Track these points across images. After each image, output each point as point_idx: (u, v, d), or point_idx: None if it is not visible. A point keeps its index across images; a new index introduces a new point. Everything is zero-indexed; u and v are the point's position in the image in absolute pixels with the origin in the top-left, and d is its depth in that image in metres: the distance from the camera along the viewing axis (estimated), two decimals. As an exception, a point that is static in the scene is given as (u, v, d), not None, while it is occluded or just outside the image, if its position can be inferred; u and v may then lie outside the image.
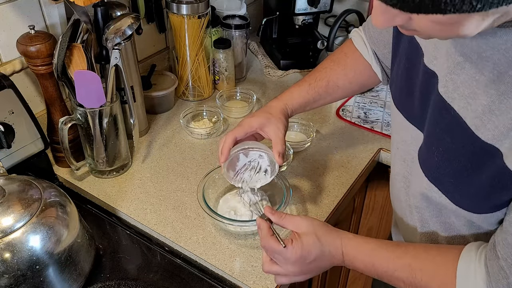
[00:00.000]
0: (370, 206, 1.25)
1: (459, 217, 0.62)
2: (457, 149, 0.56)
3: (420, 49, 0.62)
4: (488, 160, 0.52)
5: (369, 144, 1.11)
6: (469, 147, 0.54)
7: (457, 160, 0.56)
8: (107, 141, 0.95)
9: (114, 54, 0.89)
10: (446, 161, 0.58)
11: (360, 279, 1.43)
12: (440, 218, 0.66)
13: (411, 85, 0.65)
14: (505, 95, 0.49)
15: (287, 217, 0.70)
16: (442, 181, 0.60)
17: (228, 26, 1.30)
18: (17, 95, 0.88)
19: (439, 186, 0.61)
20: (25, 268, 0.66)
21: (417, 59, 0.63)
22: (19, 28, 0.94)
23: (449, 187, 0.59)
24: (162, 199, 0.95)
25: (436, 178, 0.61)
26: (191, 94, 1.28)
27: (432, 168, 0.61)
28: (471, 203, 0.58)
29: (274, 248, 0.66)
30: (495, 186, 0.53)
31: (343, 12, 1.25)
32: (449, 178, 0.59)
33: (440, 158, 0.59)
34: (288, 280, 0.70)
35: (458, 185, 0.58)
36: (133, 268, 0.82)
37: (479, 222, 0.60)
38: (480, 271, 0.54)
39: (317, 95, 0.87)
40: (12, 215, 0.67)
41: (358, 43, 0.86)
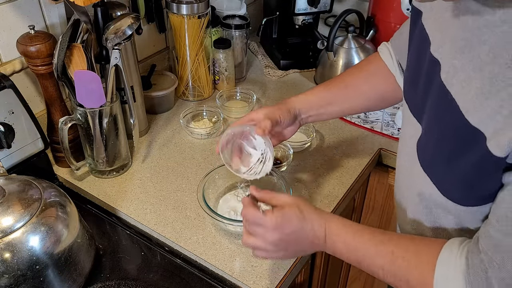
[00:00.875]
0: (370, 206, 1.25)
1: (448, 213, 0.62)
2: (449, 135, 0.56)
3: (428, 39, 0.62)
4: (474, 145, 0.52)
5: (369, 144, 1.11)
6: (458, 131, 0.54)
7: (447, 146, 0.57)
8: (107, 141, 0.95)
9: (114, 54, 0.89)
10: (439, 148, 0.59)
11: (360, 279, 1.43)
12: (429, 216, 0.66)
13: (417, 75, 0.66)
14: (497, 77, 0.49)
15: (271, 193, 0.68)
16: (434, 170, 0.61)
17: (228, 26, 1.30)
18: (17, 95, 0.88)
19: (431, 176, 0.61)
20: (25, 268, 0.66)
21: (424, 50, 0.63)
22: (19, 28, 0.94)
23: (439, 176, 0.60)
24: (162, 199, 0.95)
25: (429, 166, 0.62)
26: (191, 94, 1.28)
27: (427, 157, 0.62)
28: (458, 193, 0.58)
29: (253, 214, 0.65)
30: (478, 173, 0.53)
31: (343, 12, 1.25)
32: (440, 166, 0.59)
33: (434, 145, 0.59)
34: (266, 254, 0.67)
35: (447, 173, 0.58)
36: (133, 268, 0.82)
37: (467, 219, 0.60)
38: (460, 263, 0.54)
39: (333, 96, 0.83)
40: (12, 215, 0.67)
41: (384, 54, 0.84)
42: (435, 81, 0.59)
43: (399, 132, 1.14)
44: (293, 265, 0.81)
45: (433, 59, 0.60)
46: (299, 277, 0.95)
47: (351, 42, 1.29)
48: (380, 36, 1.40)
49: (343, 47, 1.29)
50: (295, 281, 0.93)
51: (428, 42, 0.62)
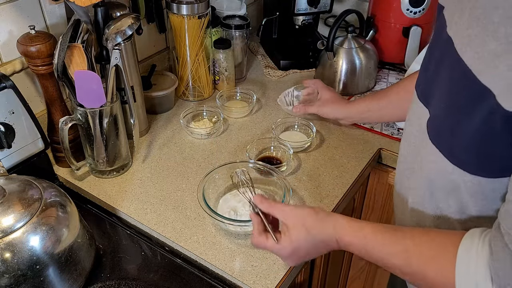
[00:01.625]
0: (370, 206, 1.25)
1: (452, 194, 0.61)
2: (459, 99, 0.56)
3: (444, 20, 0.62)
4: (483, 101, 0.52)
5: (369, 144, 1.11)
6: (468, 92, 0.54)
7: (458, 110, 0.56)
8: (107, 141, 0.95)
9: (114, 54, 0.90)
10: (449, 117, 0.58)
11: (360, 279, 1.43)
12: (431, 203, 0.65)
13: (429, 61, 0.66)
14: (510, 36, 0.49)
15: (276, 206, 0.69)
16: (444, 140, 0.60)
17: (228, 26, 1.30)
18: (18, 95, 0.88)
19: (441, 147, 0.60)
20: (25, 268, 0.66)
21: (439, 31, 0.63)
22: (20, 28, 0.94)
23: (449, 144, 0.59)
24: (162, 199, 0.95)
25: (438, 138, 0.61)
26: (191, 94, 1.28)
27: (437, 130, 0.61)
28: (468, 157, 0.57)
29: (265, 246, 0.67)
30: (486, 132, 0.53)
31: (343, 12, 1.25)
32: (450, 134, 0.58)
33: (445, 116, 0.59)
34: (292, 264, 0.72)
35: (455, 139, 0.57)
36: (133, 268, 0.82)
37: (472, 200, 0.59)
38: (482, 253, 0.52)
39: (385, 97, 0.98)
40: (12, 215, 0.67)
41: None
42: (447, 57, 0.59)
43: (399, 132, 1.14)
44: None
45: (447, 37, 0.60)
46: (299, 277, 0.95)
47: (351, 42, 1.29)
48: (380, 36, 1.40)
49: (343, 47, 1.29)
50: (295, 281, 0.93)
51: (443, 23, 0.62)
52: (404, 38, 1.37)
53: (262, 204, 0.70)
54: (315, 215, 0.67)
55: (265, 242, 0.68)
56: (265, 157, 1.04)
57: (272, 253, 0.69)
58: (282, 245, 0.66)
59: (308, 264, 1.00)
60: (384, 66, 1.43)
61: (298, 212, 0.67)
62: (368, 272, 1.39)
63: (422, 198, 0.68)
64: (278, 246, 0.67)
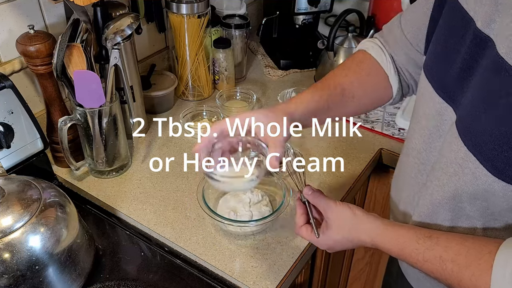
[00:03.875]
0: (370, 206, 1.25)
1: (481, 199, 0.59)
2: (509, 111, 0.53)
3: (468, 15, 0.59)
4: None
5: (369, 144, 1.11)
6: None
7: (508, 123, 0.53)
8: (106, 141, 0.95)
9: (114, 54, 0.89)
10: (495, 126, 0.55)
11: (360, 279, 1.42)
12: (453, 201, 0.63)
13: (449, 53, 0.63)
14: None
15: (320, 199, 0.71)
16: (483, 148, 0.56)
17: (228, 26, 1.30)
18: (17, 95, 0.88)
19: (479, 155, 0.57)
20: (24, 268, 0.66)
21: (462, 26, 0.60)
22: (19, 28, 0.93)
23: (492, 154, 0.56)
24: (162, 199, 0.95)
25: (477, 145, 0.57)
26: (190, 94, 1.28)
27: (477, 136, 0.57)
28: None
29: (306, 237, 0.72)
30: None
31: (343, 12, 1.25)
32: (494, 144, 0.55)
33: (490, 123, 0.55)
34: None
35: (506, 151, 0.54)
36: (132, 268, 0.82)
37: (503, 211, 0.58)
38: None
39: (332, 103, 0.76)
40: (11, 215, 0.67)
41: (374, 51, 0.80)
42: (484, 58, 0.56)
43: (399, 132, 1.14)
44: (293, 265, 0.81)
45: (482, 35, 0.56)
46: (299, 278, 0.95)
47: (351, 41, 1.29)
48: (380, 36, 1.40)
49: (343, 46, 1.28)
50: (295, 282, 0.92)
51: (466, 18, 0.59)
52: (405, 38, 1.36)
53: (310, 195, 0.72)
54: (353, 218, 0.69)
55: (307, 234, 0.72)
56: (265, 157, 1.03)
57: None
58: (321, 241, 0.71)
59: (309, 264, 1.00)
60: (384, 65, 1.43)
61: (339, 210, 0.70)
62: (368, 273, 1.39)
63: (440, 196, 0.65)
64: (317, 240, 0.71)
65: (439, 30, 0.67)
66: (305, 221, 0.73)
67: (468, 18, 0.59)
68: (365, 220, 0.68)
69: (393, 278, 0.89)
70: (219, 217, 0.82)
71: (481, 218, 0.62)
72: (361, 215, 0.68)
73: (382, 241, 0.66)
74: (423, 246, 0.61)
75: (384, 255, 1.27)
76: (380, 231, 0.66)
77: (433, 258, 0.59)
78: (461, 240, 0.59)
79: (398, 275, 0.84)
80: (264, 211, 0.86)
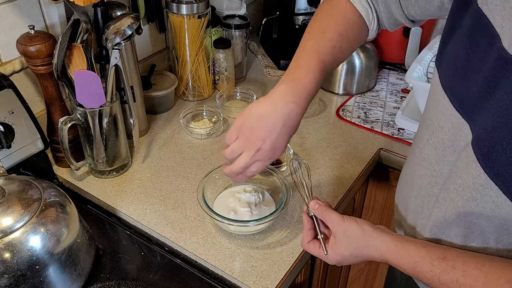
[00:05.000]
0: (370, 206, 1.25)
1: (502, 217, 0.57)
2: None
3: (494, 30, 0.54)
4: None
5: (369, 144, 1.11)
6: None
7: None
8: (107, 141, 0.95)
9: (114, 54, 0.89)
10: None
11: (360, 279, 1.43)
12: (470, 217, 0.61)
13: (471, 68, 0.59)
14: None
15: (327, 214, 0.70)
16: (508, 179, 0.53)
17: (228, 26, 1.30)
18: (17, 95, 0.88)
19: (502, 185, 0.54)
20: (25, 268, 0.66)
21: (487, 42, 0.55)
22: (19, 28, 0.93)
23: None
24: (162, 199, 0.95)
25: (500, 175, 0.54)
26: (191, 94, 1.28)
27: (499, 164, 0.54)
28: None
29: (314, 253, 0.71)
30: None
31: (343, 12, 1.25)
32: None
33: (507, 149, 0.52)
34: None
35: None
36: (133, 268, 0.82)
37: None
38: None
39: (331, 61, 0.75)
40: (12, 215, 0.67)
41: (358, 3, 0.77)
42: (509, 80, 0.52)
43: (399, 132, 1.14)
44: (293, 265, 0.81)
45: (507, 57, 0.51)
46: (299, 277, 0.95)
47: (351, 42, 1.29)
48: (380, 36, 1.40)
49: (343, 47, 1.28)
50: (295, 281, 0.93)
51: (492, 33, 0.54)
52: (404, 38, 1.36)
53: (316, 210, 0.71)
54: (362, 234, 0.67)
55: (315, 250, 0.71)
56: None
57: None
58: (330, 257, 0.69)
59: (308, 264, 1.00)
60: (384, 66, 1.43)
61: (346, 226, 0.67)
62: (368, 273, 1.39)
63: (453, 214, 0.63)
64: (325, 256, 0.70)
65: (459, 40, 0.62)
66: (313, 236, 0.72)
67: (494, 34, 0.54)
68: (375, 236, 0.66)
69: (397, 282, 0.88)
70: (219, 217, 0.82)
71: (495, 233, 0.60)
72: (370, 230, 0.66)
73: (393, 257, 0.64)
74: (438, 269, 0.59)
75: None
76: (391, 248, 0.64)
77: (449, 282, 0.58)
78: (478, 264, 0.57)
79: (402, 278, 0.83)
80: (264, 211, 0.87)
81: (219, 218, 0.82)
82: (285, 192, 0.86)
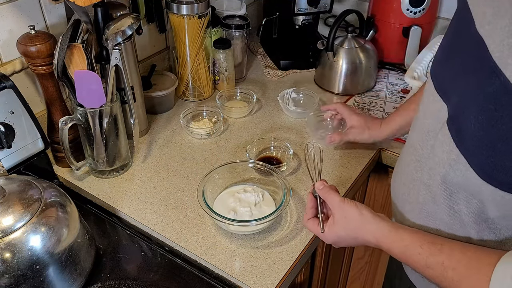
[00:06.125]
0: (370, 206, 1.25)
1: (473, 198, 0.60)
2: (500, 117, 0.52)
3: (470, 15, 0.58)
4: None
5: (369, 144, 1.11)
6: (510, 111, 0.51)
7: (496, 129, 0.53)
8: (107, 141, 0.95)
9: (114, 54, 0.90)
10: (483, 131, 0.55)
11: (360, 279, 1.43)
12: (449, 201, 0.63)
13: (451, 53, 0.64)
14: None
15: (329, 195, 0.74)
16: (473, 152, 0.56)
17: (228, 26, 1.30)
18: (18, 95, 0.88)
19: (469, 157, 0.58)
20: (25, 268, 0.66)
21: (464, 27, 0.60)
22: (19, 28, 0.94)
23: (480, 159, 0.56)
24: (162, 199, 0.95)
25: (467, 148, 0.57)
26: (191, 94, 1.28)
27: (466, 138, 0.57)
28: (504, 177, 0.54)
29: (313, 230, 0.75)
30: None
31: (343, 12, 1.25)
32: (483, 150, 0.55)
33: (478, 127, 0.55)
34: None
35: (492, 157, 0.54)
36: (133, 268, 0.82)
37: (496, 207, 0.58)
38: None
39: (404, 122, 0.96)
40: (12, 215, 0.67)
41: None
42: (479, 59, 0.55)
43: (399, 132, 1.14)
44: (293, 264, 0.82)
45: (477, 36, 0.56)
46: (299, 277, 0.95)
47: (351, 42, 1.29)
48: (380, 36, 1.41)
49: (343, 47, 1.29)
50: (295, 281, 0.93)
51: (469, 20, 0.58)
52: (404, 38, 1.37)
53: (321, 190, 0.75)
54: (359, 218, 0.70)
55: (313, 227, 0.75)
56: (265, 157, 1.04)
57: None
58: (326, 235, 0.73)
59: (308, 264, 1.00)
60: (384, 66, 1.43)
61: (345, 208, 0.71)
62: (368, 273, 1.39)
63: (435, 194, 0.66)
64: (322, 234, 0.74)
65: (448, 29, 0.67)
66: (314, 214, 0.76)
67: (470, 19, 0.58)
68: (371, 221, 0.69)
69: (394, 274, 0.89)
70: (220, 216, 0.82)
71: (475, 225, 0.62)
72: (368, 215, 0.70)
73: (386, 242, 0.67)
74: (426, 251, 0.62)
75: (384, 254, 1.27)
76: (385, 233, 0.67)
77: (435, 264, 0.60)
78: (463, 249, 0.60)
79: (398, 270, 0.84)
80: (264, 211, 0.87)
81: (219, 218, 0.82)
82: (285, 192, 0.86)
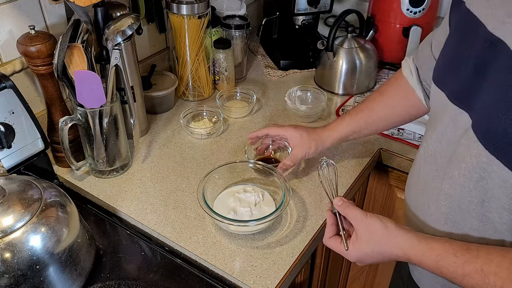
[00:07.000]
0: (370, 206, 1.25)
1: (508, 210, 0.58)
2: None
3: (477, 19, 0.59)
4: None
5: (369, 144, 1.11)
6: None
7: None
8: (107, 141, 0.95)
9: (114, 54, 0.90)
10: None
11: (360, 279, 1.43)
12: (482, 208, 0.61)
13: (460, 60, 0.63)
14: None
15: (350, 210, 0.70)
16: (506, 150, 0.55)
17: (228, 26, 1.30)
18: (18, 95, 0.88)
19: (502, 158, 0.56)
20: (25, 268, 0.66)
21: (472, 32, 0.60)
22: (19, 28, 0.94)
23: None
24: (162, 199, 0.95)
25: (499, 148, 0.56)
26: (191, 94, 1.28)
27: (496, 137, 0.56)
28: None
29: (335, 249, 0.71)
30: None
31: (343, 12, 1.25)
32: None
33: (509, 124, 0.54)
34: None
35: None
36: (133, 268, 0.82)
37: None
38: None
39: (358, 126, 0.92)
40: (12, 215, 0.67)
41: (404, 69, 0.86)
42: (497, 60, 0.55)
43: (399, 132, 1.14)
44: (293, 265, 0.82)
45: (493, 38, 0.56)
46: (299, 277, 0.95)
47: (351, 42, 1.29)
48: (380, 36, 1.40)
49: (343, 47, 1.29)
50: (295, 281, 0.93)
51: (476, 23, 0.58)
52: (404, 38, 1.37)
53: (339, 206, 0.72)
54: (384, 231, 0.66)
55: (335, 246, 0.71)
56: (265, 157, 1.04)
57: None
58: (351, 253, 0.69)
59: (308, 264, 1.00)
60: (384, 66, 1.43)
61: (369, 223, 0.68)
62: (368, 273, 1.39)
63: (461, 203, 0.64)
64: (346, 252, 0.70)
65: (449, 39, 0.67)
66: (335, 232, 0.72)
67: (478, 23, 0.58)
68: (397, 233, 0.66)
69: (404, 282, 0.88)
70: (220, 216, 0.82)
71: (508, 232, 0.60)
72: (393, 228, 0.66)
73: (416, 254, 0.63)
74: (461, 259, 0.59)
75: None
76: (414, 244, 0.64)
77: (474, 272, 0.57)
78: (502, 252, 0.57)
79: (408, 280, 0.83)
80: (264, 211, 0.87)
81: (219, 218, 0.82)
82: (285, 192, 0.86)
